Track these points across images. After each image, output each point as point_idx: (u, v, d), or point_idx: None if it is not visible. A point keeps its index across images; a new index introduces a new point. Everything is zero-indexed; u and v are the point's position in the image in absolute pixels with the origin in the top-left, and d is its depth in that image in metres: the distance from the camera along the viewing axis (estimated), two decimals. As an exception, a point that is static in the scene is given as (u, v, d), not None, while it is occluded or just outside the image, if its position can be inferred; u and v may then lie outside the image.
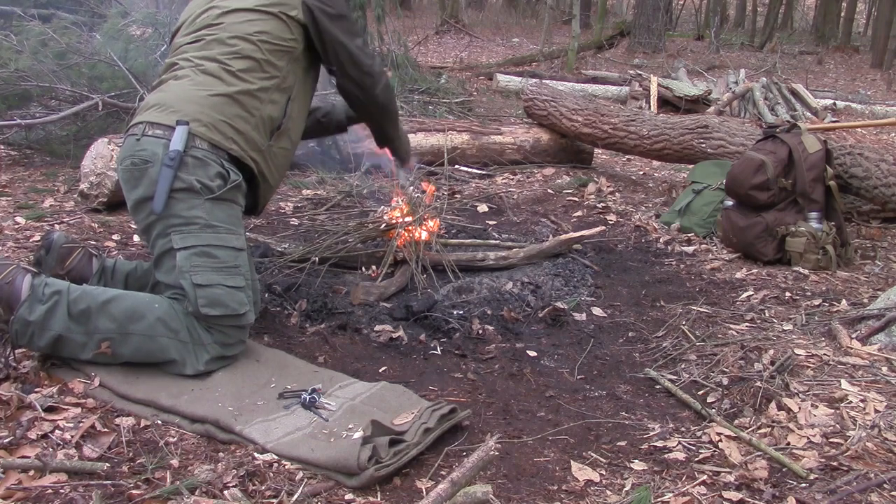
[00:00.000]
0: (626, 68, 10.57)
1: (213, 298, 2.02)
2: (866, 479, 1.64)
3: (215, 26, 2.21)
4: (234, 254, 2.08)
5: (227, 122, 2.10)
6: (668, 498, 1.63)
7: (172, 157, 2.00)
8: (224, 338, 2.06)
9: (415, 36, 11.01)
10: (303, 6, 2.23)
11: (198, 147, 2.04)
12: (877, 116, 7.83)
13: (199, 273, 2.01)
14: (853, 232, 3.63)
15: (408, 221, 3.02)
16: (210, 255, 2.03)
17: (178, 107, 2.07)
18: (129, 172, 2.07)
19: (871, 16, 18.96)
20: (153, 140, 2.04)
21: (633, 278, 3.14)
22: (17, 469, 1.58)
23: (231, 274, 2.06)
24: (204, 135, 2.05)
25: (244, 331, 2.11)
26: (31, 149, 4.61)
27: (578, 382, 2.27)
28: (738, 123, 4.37)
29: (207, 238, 2.04)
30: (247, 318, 2.09)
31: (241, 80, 2.13)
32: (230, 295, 2.05)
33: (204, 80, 2.12)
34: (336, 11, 2.26)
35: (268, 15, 2.20)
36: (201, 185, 2.03)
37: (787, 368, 2.16)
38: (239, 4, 2.23)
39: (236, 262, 2.08)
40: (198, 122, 2.05)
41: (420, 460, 1.75)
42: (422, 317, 2.60)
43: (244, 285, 2.09)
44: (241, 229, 2.15)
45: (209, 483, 1.57)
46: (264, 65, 2.17)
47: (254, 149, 2.17)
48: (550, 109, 5.18)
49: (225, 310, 2.03)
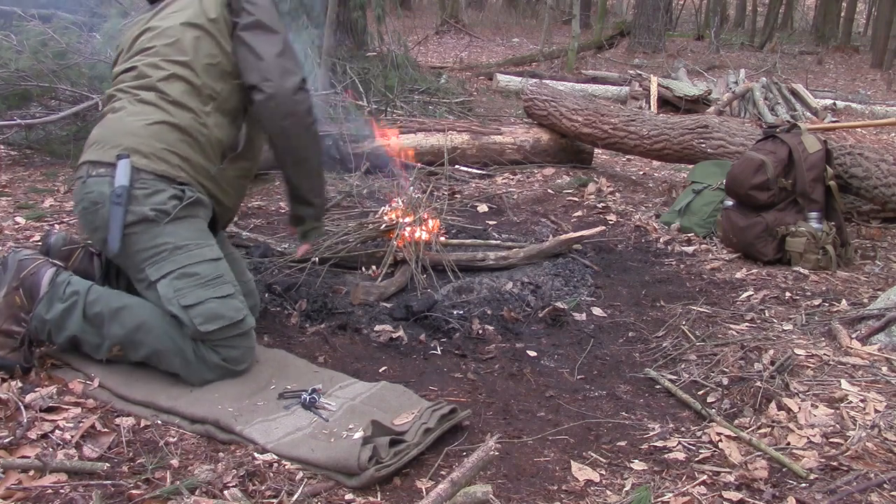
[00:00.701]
0: (626, 68, 10.57)
1: (208, 313, 1.97)
2: (866, 479, 1.64)
3: (148, 51, 2.10)
4: (213, 265, 2.03)
5: (169, 150, 2.01)
6: (668, 498, 1.63)
7: (119, 194, 1.93)
8: (231, 352, 2.01)
9: (415, 36, 11.01)
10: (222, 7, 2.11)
11: (143, 179, 1.97)
12: (877, 116, 7.82)
13: (186, 294, 1.96)
14: (853, 232, 3.63)
15: (408, 222, 3.02)
16: (190, 275, 1.98)
17: (117, 141, 2.00)
18: (84, 217, 2.04)
19: (871, 16, 18.96)
20: (98, 180, 1.98)
21: (633, 278, 3.14)
22: (17, 469, 1.58)
23: (217, 285, 2.01)
24: (147, 166, 1.98)
25: (249, 337, 2.07)
26: (31, 149, 4.61)
27: (578, 382, 2.27)
28: (738, 123, 4.37)
29: (181, 260, 1.98)
30: (247, 323, 2.05)
31: (178, 105, 2.04)
32: (224, 305, 2.00)
33: (141, 109, 2.04)
34: (255, 19, 2.09)
35: (199, 30, 2.09)
36: (156, 212, 1.97)
37: (787, 368, 2.16)
38: (170, 22, 2.11)
39: (218, 273, 2.03)
40: (139, 154, 1.98)
41: (420, 460, 1.75)
42: (422, 317, 2.60)
43: (233, 292, 2.05)
44: (211, 240, 2.09)
45: (209, 483, 1.57)
46: (201, 88, 2.06)
47: (203, 175, 2.08)
48: (550, 109, 5.18)
49: (223, 321, 1.98)
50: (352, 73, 5.70)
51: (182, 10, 2.12)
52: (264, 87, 2.02)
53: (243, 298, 2.10)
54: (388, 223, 3.09)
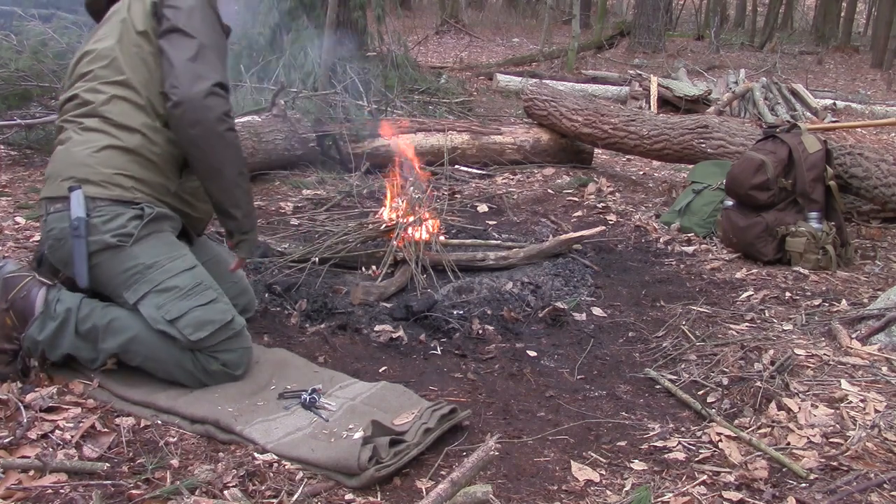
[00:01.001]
0: (626, 68, 10.57)
1: (195, 322, 1.94)
2: (866, 479, 1.64)
3: (87, 76, 2.03)
4: (189, 275, 1.99)
5: (121, 174, 1.96)
6: (668, 498, 1.63)
7: (76, 227, 1.90)
8: (229, 355, 1.99)
9: (415, 36, 11.01)
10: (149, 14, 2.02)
11: (100, 207, 1.93)
12: (877, 116, 7.82)
13: (169, 309, 1.93)
14: (853, 232, 3.63)
15: (407, 223, 3.02)
16: (169, 289, 1.94)
17: (68, 173, 1.95)
18: (53, 255, 2.01)
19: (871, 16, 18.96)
20: (56, 216, 1.95)
21: (633, 278, 3.14)
22: (17, 469, 1.58)
23: (199, 293, 1.97)
24: (101, 194, 1.94)
25: (243, 337, 2.04)
26: (31, 149, 4.61)
27: (578, 382, 2.27)
28: (738, 123, 4.38)
29: (156, 277, 1.94)
30: (237, 323, 2.02)
31: (123, 128, 1.98)
32: (209, 310, 1.96)
33: (86, 137, 1.98)
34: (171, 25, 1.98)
35: (131, 46, 2.02)
36: (118, 237, 1.93)
37: (787, 368, 2.16)
38: (105, 43, 2.04)
39: (196, 281, 1.99)
40: (90, 184, 1.93)
41: (420, 460, 1.75)
42: (422, 317, 2.60)
43: (216, 296, 2.01)
44: (183, 250, 2.04)
45: (209, 483, 1.57)
46: (145, 105, 2.00)
47: (162, 192, 2.04)
48: (550, 109, 5.18)
49: (213, 325, 1.95)
50: (352, 73, 5.70)
51: (113, 28, 2.04)
52: (171, 94, 1.93)
53: (228, 300, 2.06)
54: (389, 224, 3.09)
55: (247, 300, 2.40)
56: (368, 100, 5.57)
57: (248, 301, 2.40)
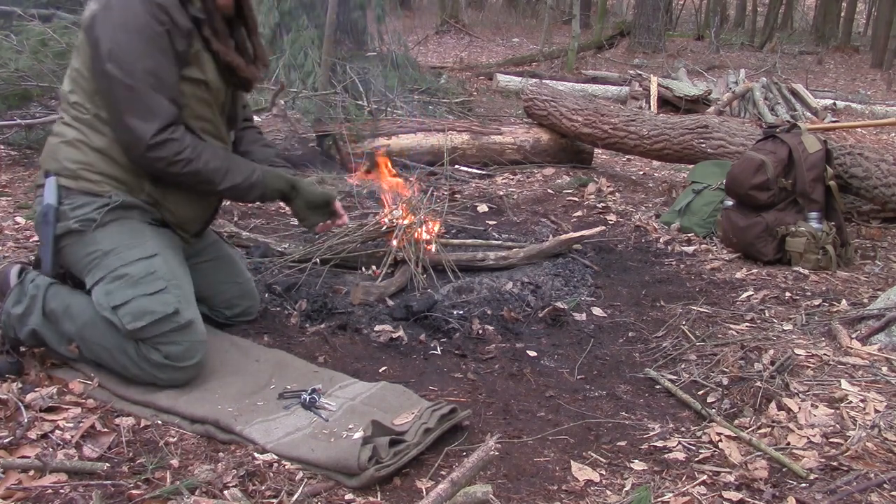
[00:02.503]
0: (626, 68, 10.57)
1: (136, 311, 1.90)
2: (866, 479, 1.65)
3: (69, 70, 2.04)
4: (145, 264, 1.96)
5: (88, 169, 1.99)
6: (668, 498, 1.63)
7: (45, 213, 1.97)
8: (172, 348, 1.93)
9: (415, 36, 11.02)
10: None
11: (72, 195, 1.98)
12: (877, 116, 7.82)
13: (115, 295, 1.91)
14: (853, 232, 3.63)
15: (407, 225, 3.02)
16: (120, 276, 1.93)
17: (47, 163, 2.03)
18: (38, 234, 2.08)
19: (871, 16, 18.95)
20: (38, 200, 2.03)
21: (633, 278, 3.14)
22: (17, 469, 1.58)
23: (149, 282, 1.94)
24: (72, 185, 1.99)
25: (190, 331, 1.96)
26: (31, 149, 4.60)
27: (578, 382, 2.27)
28: (738, 123, 4.38)
29: (112, 263, 1.94)
30: (182, 316, 1.94)
31: (91, 126, 1.99)
32: (153, 300, 1.92)
33: (63, 130, 2.02)
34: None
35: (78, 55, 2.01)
36: (81, 222, 1.96)
37: (787, 368, 2.16)
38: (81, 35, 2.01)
39: (150, 269, 1.96)
40: (63, 174, 1.99)
41: (420, 460, 1.75)
42: (422, 317, 2.59)
43: (166, 286, 1.95)
44: (144, 237, 2.02)
45: (209, 483, 1.57)
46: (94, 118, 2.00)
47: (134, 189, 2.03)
48: (550, 109, 5.18)
49: (152, 316, 1.90)
50: (352, 73, 5.70)
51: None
52: (119, 143, 1.97)
53: (184, 293, 2.00)
54: (389, 225, 3.09)
55: (247, 304, 2.39)
56: (368, 100, 5.57)
57: (248, 305, 2.40)
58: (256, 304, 2.44)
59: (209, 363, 2.05)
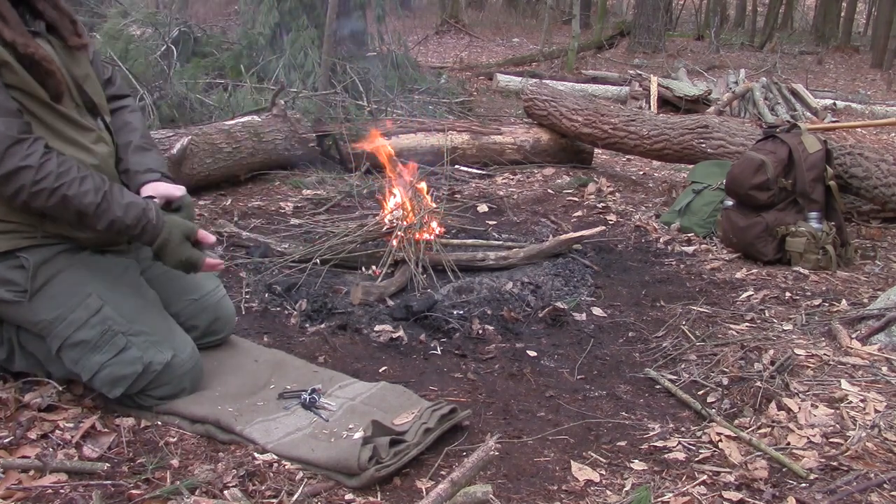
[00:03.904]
0: (626, 68, 10.57)
1: (109, 380, 1.80)
2: (866, 479, 1.65)
3: None
4: (95, 323, 1.79)
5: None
6: (668, 498, 1.63)
7: None
8: (161, 391, 1.86)
9: (415, 36, 11.02)
10: None
11: None
12: (877, 116, 7.82)
13: (83, 366, 1.80)
14: (853, 232, 3.63)
15: (407, 225, 3.02)
16: (78, 343, 1.79)
17: None
18: None
19: (871, 16, 18.94)
20: None
21: (633, 278, 3.14)
22: (17, 469, 1.58)
23: (106, 343, 1.80)
24: None
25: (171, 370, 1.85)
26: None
27: (578, 382, 2.27)
28: (738, 123, 4.38)
29: (62, 332, 1.79)
30: (155, 364, 1.82)
31: None
32: (119, 365, 1.80)
33: None
34: None
35: None
36: (13, 292, 1.78)
37: (787, 368, 2.16)
38: None
39: (104, 328, 1.80)
40: None
41: (420, 460, 1.75)
42: (422, 317, 2.60)
43: (125, 343, 1.80)
44: (84, 288, 1.81)
45: (209, 483, 1.57)
46: None
47: (35, 223, 1.79)
48: (550, 109, 5.18)
49: (126, 380, 1.80)
50: (352, 73, 5.70)
51: None
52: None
53: (145, 337, 1.83)
54: (389, 226, 3.09)
55: (209, 319, 2.08)
56: (368, 100, 5.58)
57: (211, 320, 2.09)
58: (225, 320, 2.13)
59: (209, 364, 2.04)
